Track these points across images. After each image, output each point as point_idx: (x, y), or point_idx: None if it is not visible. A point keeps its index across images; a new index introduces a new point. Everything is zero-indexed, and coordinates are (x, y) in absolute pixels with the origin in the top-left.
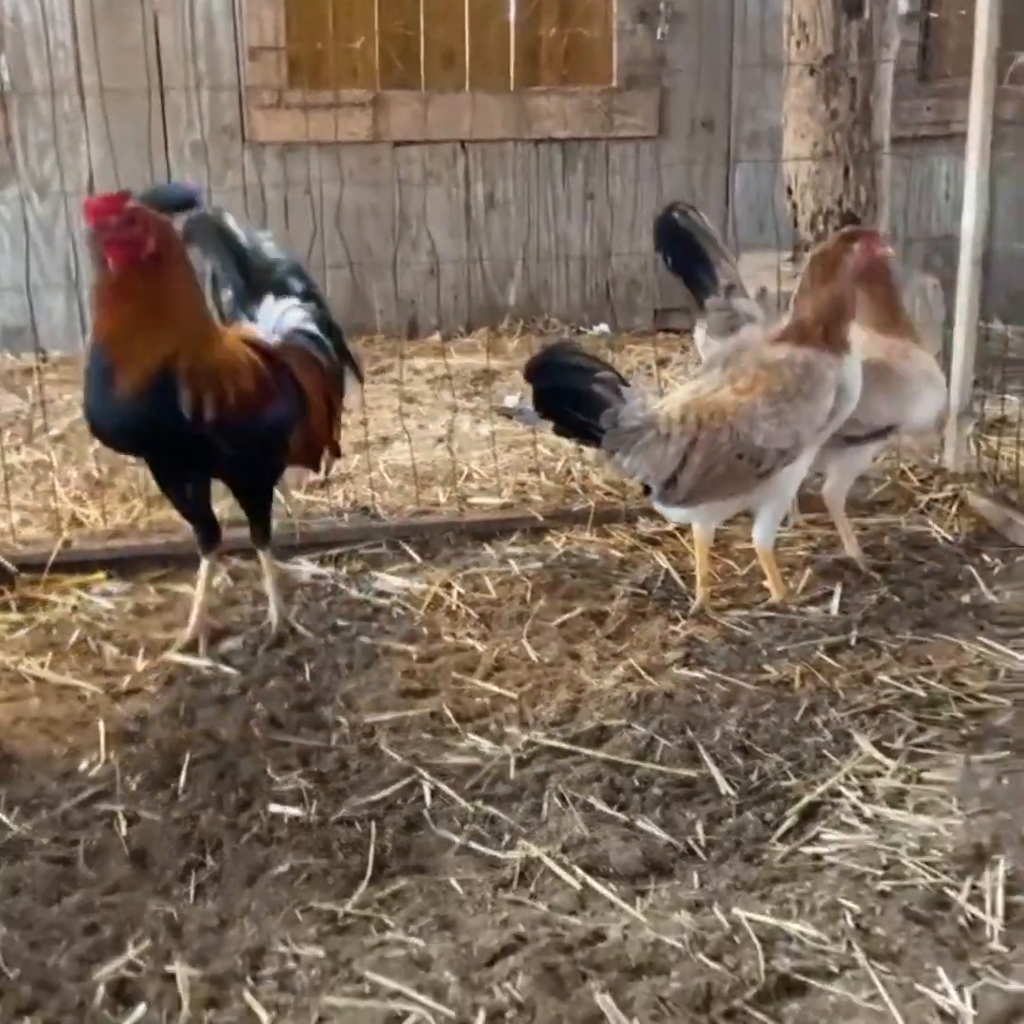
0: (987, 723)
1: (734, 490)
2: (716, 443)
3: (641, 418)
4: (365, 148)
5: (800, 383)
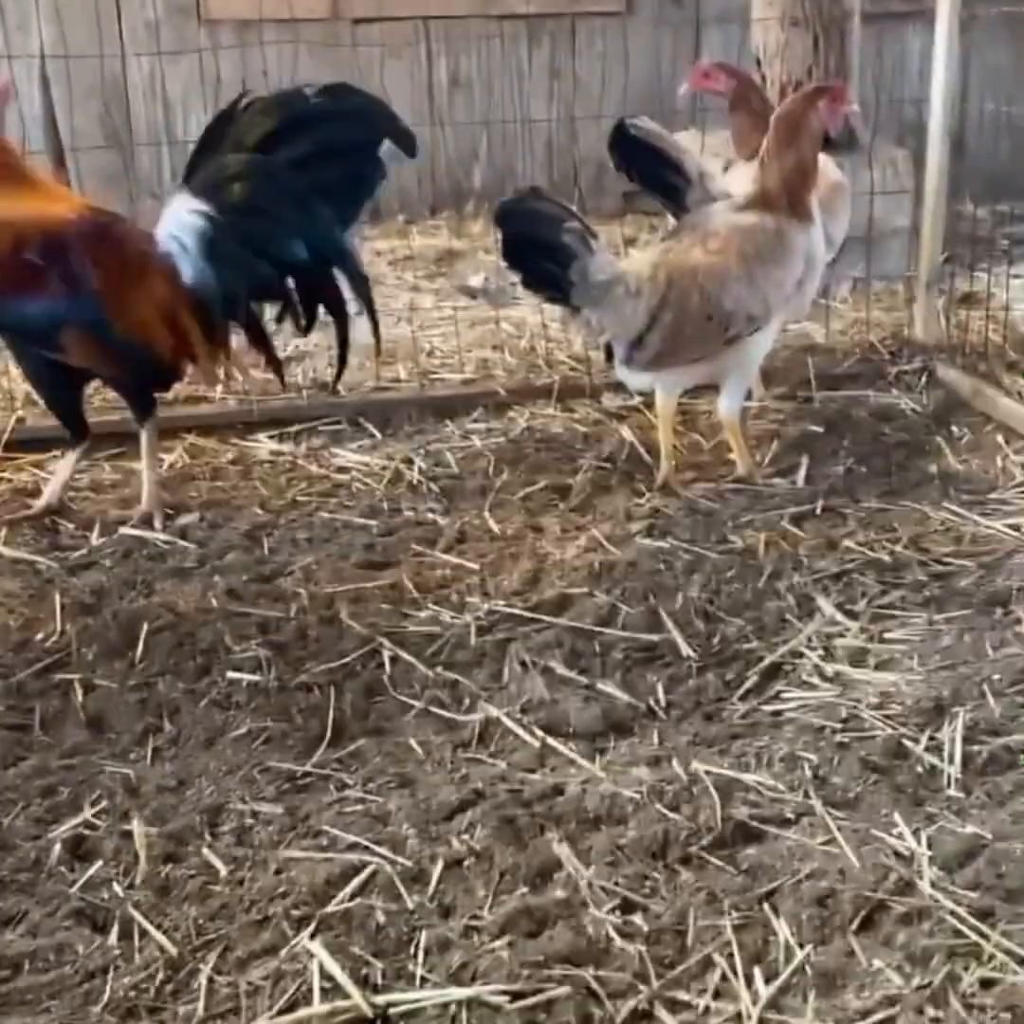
0: (950, 585)
1: (701, 353)
2: (687, 303)
3: (610, 272)
4: (324, 25)
5: (772, 248)
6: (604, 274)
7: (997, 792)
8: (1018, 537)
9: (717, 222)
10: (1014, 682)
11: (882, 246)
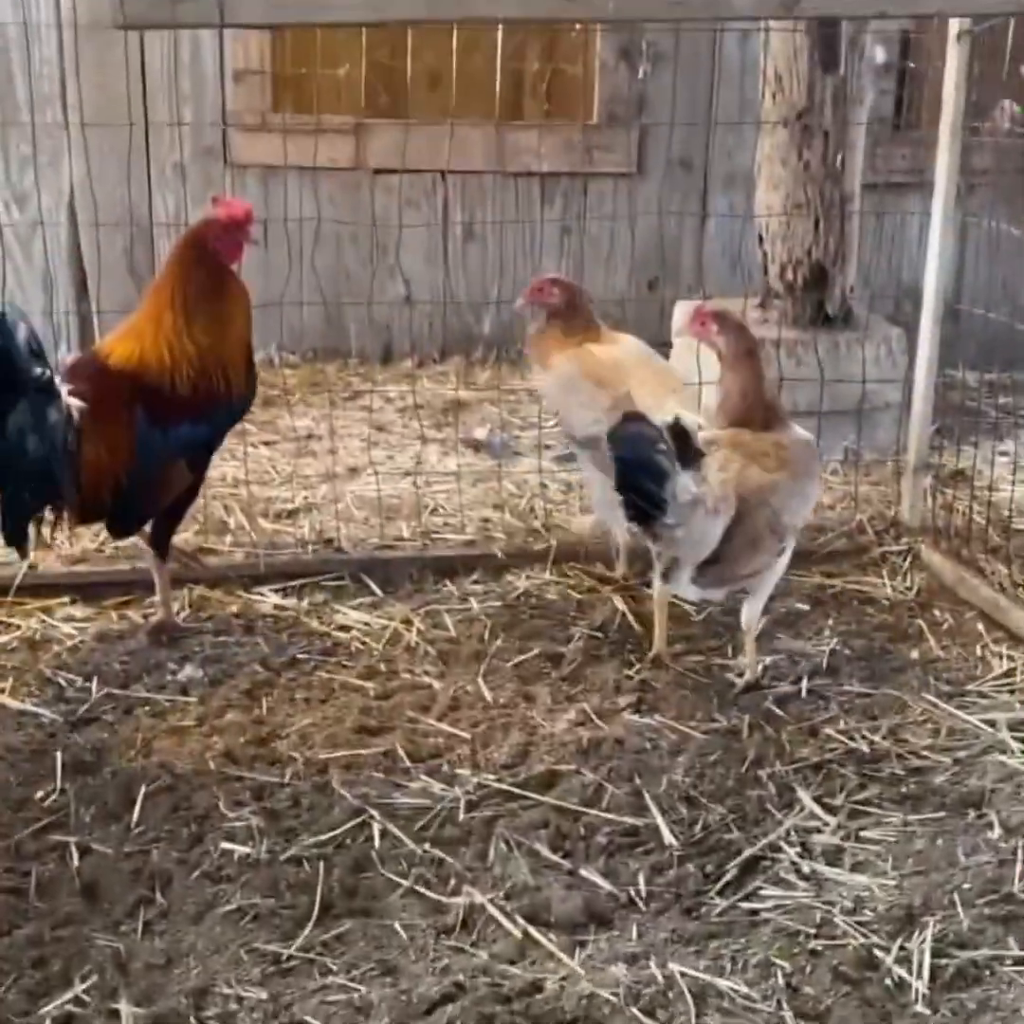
0: (926, 782)
1: (762, 567)
2: (757, 520)
3: (695, 491)
4: (345, 174)
5: (811, 462)
6: (689, 493)
7: (962, 1010)
8: (993, 733)
9: (747, 439)
10: (983, 892)
11: (874, 418)
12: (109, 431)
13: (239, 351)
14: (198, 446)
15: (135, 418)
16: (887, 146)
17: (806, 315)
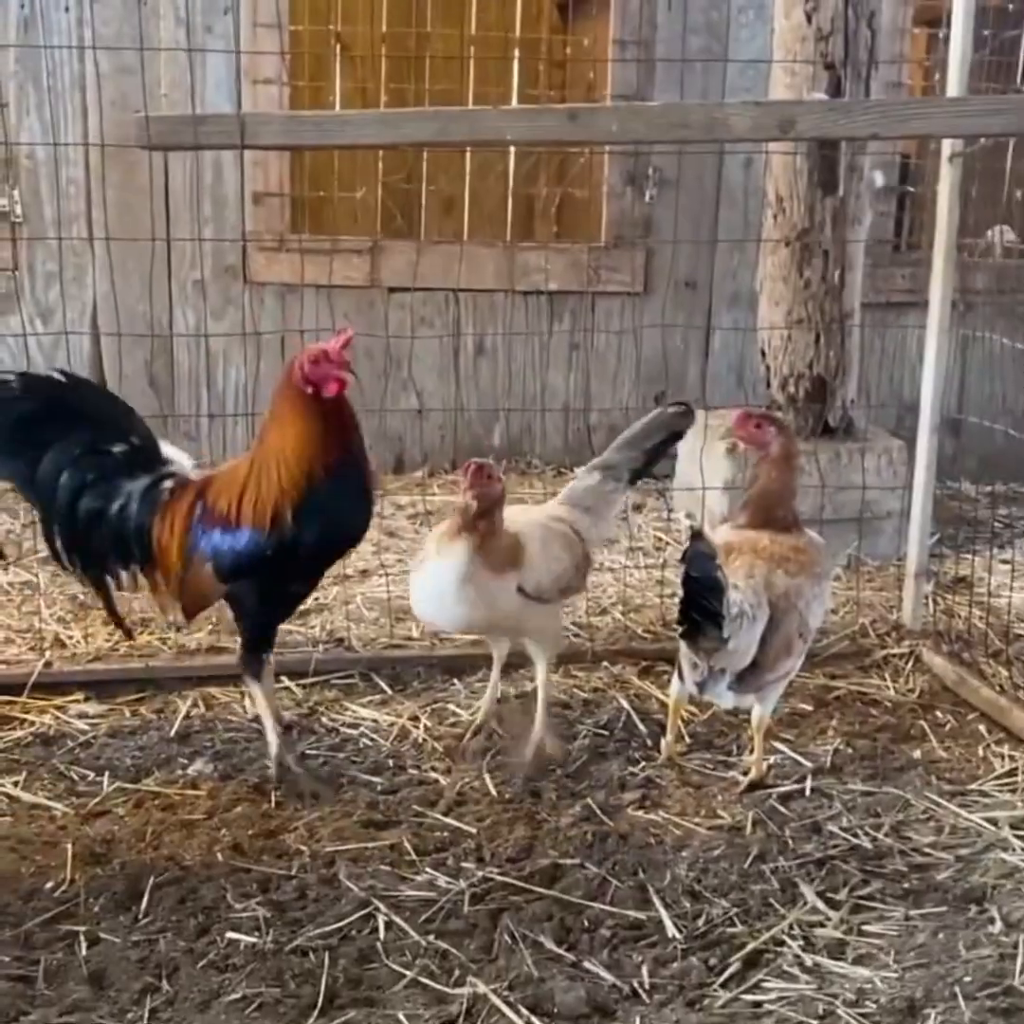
0: (929, 878)
1: (787, 670)
2: (789, 625)
3: (741, 602)
4: (361, 292)
5: (826, 564)
6: (737, 605)
7: None
8: (995, 831)
9: (766, 543)
10: (984, 985)
11: (876, 526)
12: (176, 511)
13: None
14: (226, 555)
15: (194, 510)
16: (887, 267)
17: (808, 426)
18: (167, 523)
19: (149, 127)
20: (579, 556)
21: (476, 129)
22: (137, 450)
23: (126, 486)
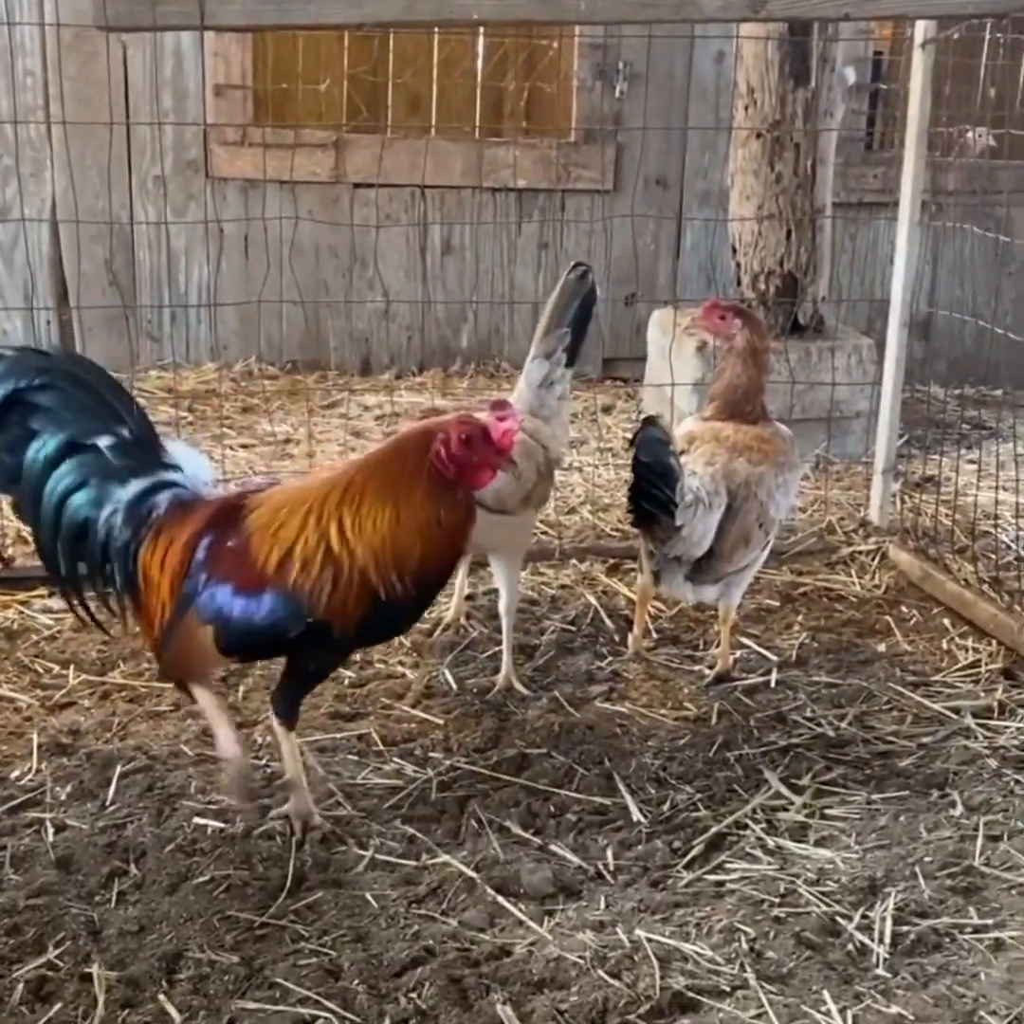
0: (891, 764)
1: (748, 562)
2: (748, 513)
3: (695, 490)
4: (325, 188)
5: (792, 454)
6: (692, 492)
7: (922, 973)
8: (958, 720)
9: (730, 433)
10: (944, 865)
11: (845, 426)
12: (173, 536)
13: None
14: (236, 625)
15: (198, 544)
16: (859, 166)
17: (778, 324)
18: (158, 551)
19: (106, 7)
20: (541, 464)
21: (443, 7)
22: (127, 445)
23: (114, 491)
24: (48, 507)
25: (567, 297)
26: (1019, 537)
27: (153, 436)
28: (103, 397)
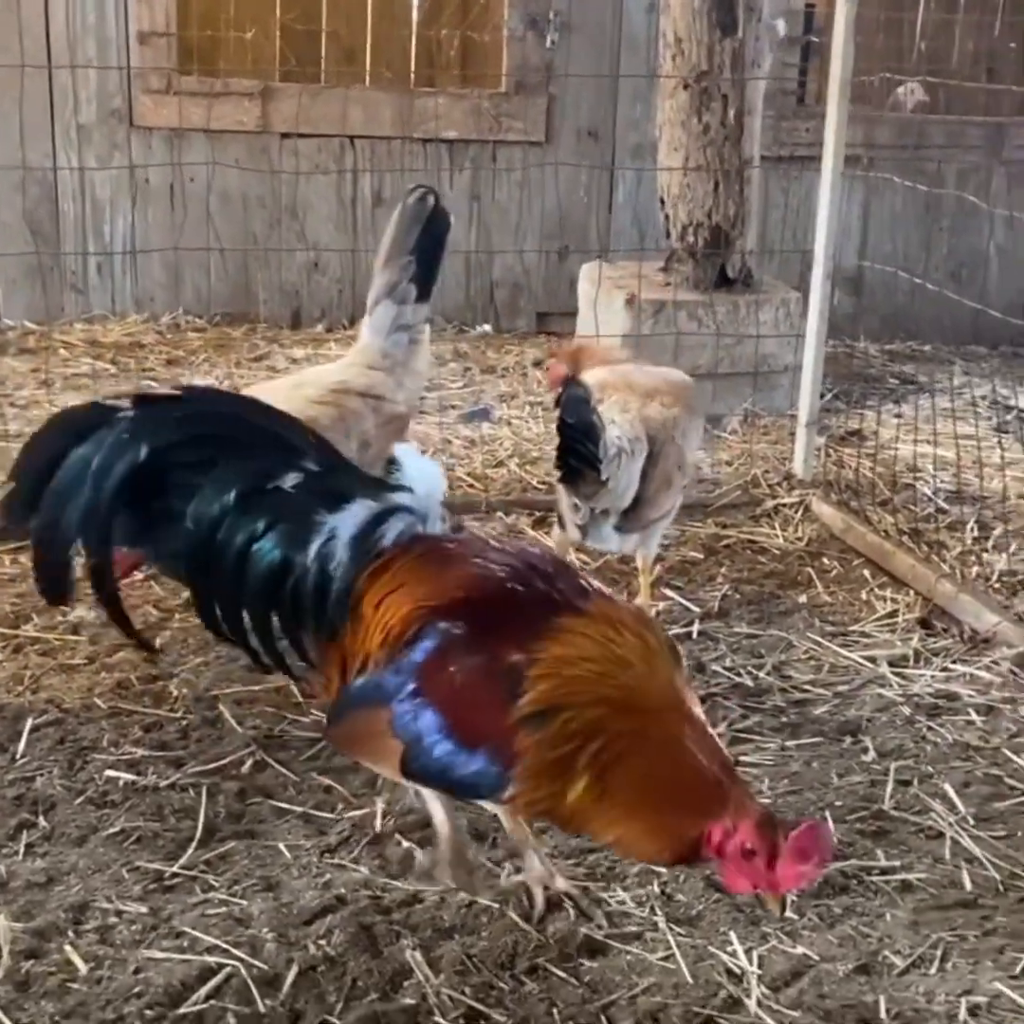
0: (806, 712)
1: (669, 507)
2: (667, 457)
3: (618, 441)
4: (253, 138)
5: (696, 398)
6: (615, 445)
7: (828, 915)
8: (873, 668)
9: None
10: (855, 809)
11: (773, 381)
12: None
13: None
14: (432, 762)
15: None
16: (791, 119)
17: (707, 278)
18: (378, 587)
19: None
20: (370, 429)
21: None
22: (321, 476)
23: (323, 522)
24: (229, 559)
25: (406, 222)
26: (939, 489)
27: (349, 463)
28: (267, 431)
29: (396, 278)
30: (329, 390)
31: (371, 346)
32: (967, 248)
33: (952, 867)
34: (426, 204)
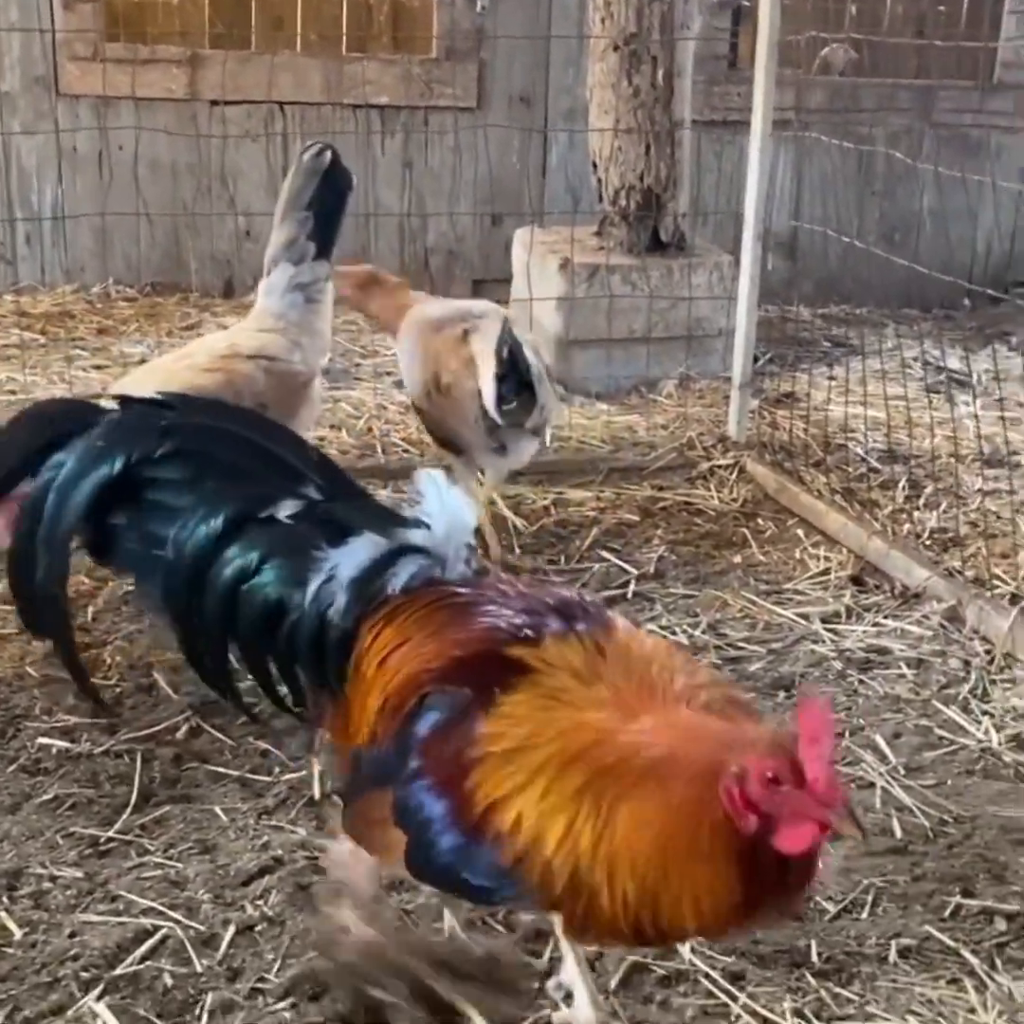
0: (741, 669)
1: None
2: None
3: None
4: (182, 105)
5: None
6: (535, 367)
7: None
8: (807, 625)
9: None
10: None
11: (707, 344)
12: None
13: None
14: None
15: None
16: (723, 84)
17: (640, 241)
18: (379, 643)
19: None
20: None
21: None
22: (323, 506)
23: (321, 559)
24: (215, 595)
25: (302, 178)
26: (871, 450)
27: (358, 490)
28: (263, 450)
29: (294, 234)
30: (218, 356)
31: (265, 308)
32: (899, 211)
33: (883, 815)
34: (323, 159)
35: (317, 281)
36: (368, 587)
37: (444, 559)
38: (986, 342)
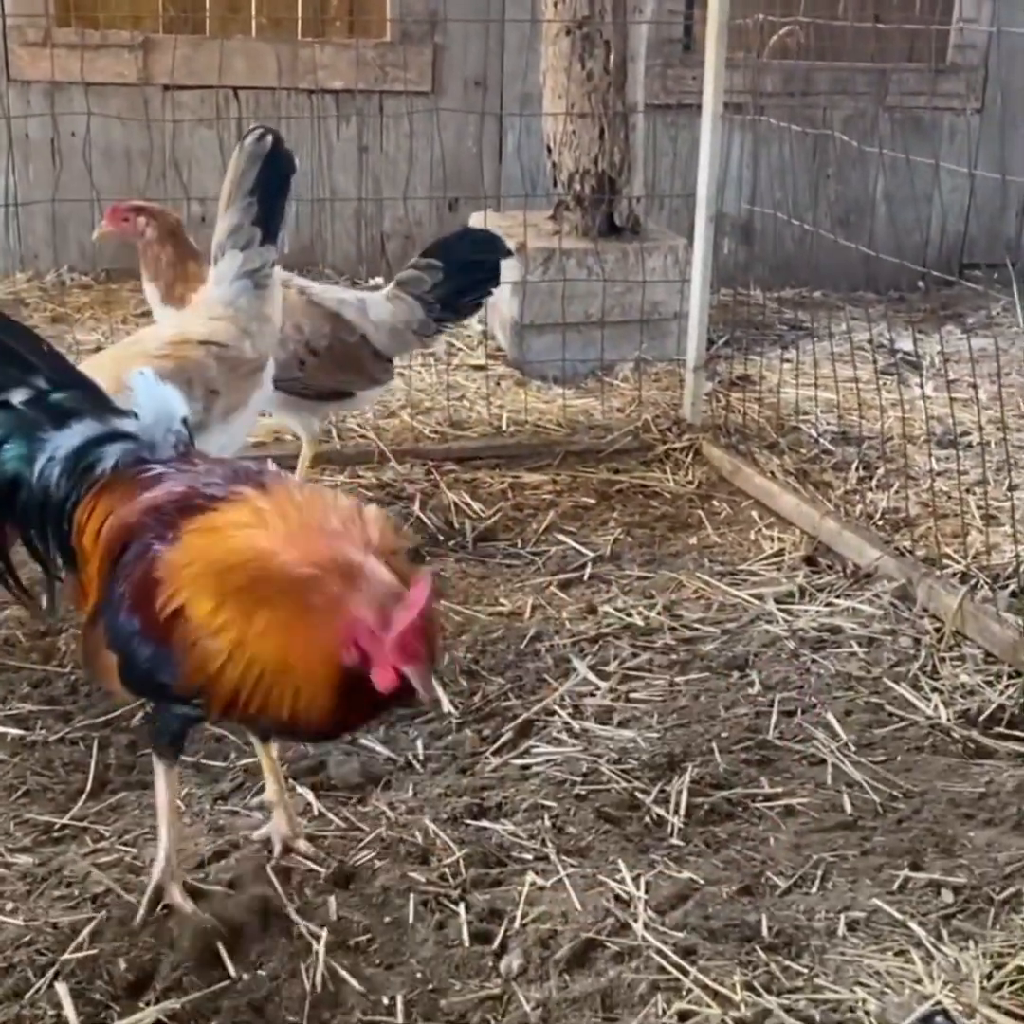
0: (695, 649)
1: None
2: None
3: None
4: (134, 91)
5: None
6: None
7: (714, 840)
8: (761, 606)
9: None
10: (740, 740)
11: (663, 328)
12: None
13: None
14: (131, 657)
15: (135, 540)
16: (678, 67)
17: (595, 225)
18: (94, 518)
19: None
20: (217, 378)
21: None
22: (51, 394)
23: (49, 441)
24: None
25: (245, 162)
26: (825, 431)
27: (84, 380)
28: (1, 344)
29: (238, 221)
30: (167, 343)
31: (213, 296)
32: (854, 195)
33: (833, 791)
34: (264, 143)
35: (264, 266)
36: (78, 464)
37: (153, 443)
38: (940, 324)
